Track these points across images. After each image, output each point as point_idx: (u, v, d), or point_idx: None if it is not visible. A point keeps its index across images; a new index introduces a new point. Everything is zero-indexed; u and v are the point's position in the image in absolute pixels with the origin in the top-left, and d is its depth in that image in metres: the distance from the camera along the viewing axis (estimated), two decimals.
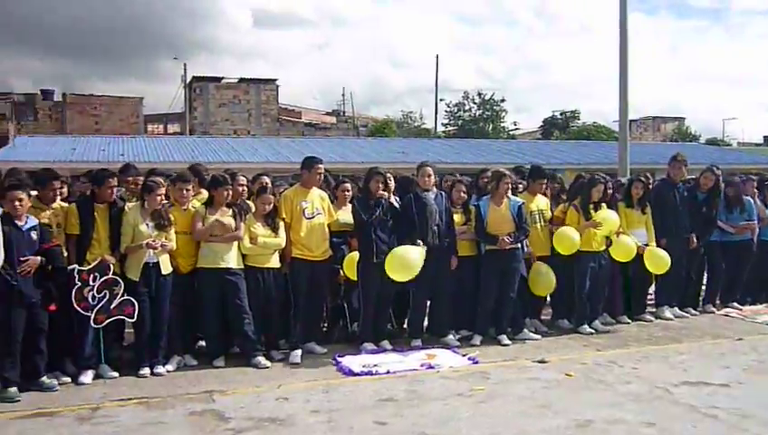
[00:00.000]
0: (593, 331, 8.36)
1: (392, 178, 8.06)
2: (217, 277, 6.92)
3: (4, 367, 5.95)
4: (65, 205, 6.73)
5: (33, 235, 6.10)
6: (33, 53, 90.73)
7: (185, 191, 7.06)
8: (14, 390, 5.94)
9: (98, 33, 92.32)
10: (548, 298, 8.81)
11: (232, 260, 6.99)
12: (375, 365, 6.87)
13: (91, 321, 6.40)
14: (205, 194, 7.35)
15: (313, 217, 7.44)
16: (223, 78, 41.82)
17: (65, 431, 5.24)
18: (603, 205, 8.40)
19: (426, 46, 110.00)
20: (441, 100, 49.65)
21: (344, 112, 47.69)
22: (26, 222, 6.10)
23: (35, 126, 37.02)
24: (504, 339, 7.87)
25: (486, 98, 49.81)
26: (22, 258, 5.90)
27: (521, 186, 8.73)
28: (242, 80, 41.77)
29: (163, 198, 6.82)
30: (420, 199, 7.71)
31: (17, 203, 6.00)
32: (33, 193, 6.45)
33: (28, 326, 6.03)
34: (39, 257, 6.07)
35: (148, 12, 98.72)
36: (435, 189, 7.91)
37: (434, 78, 59.54)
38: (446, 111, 49.85)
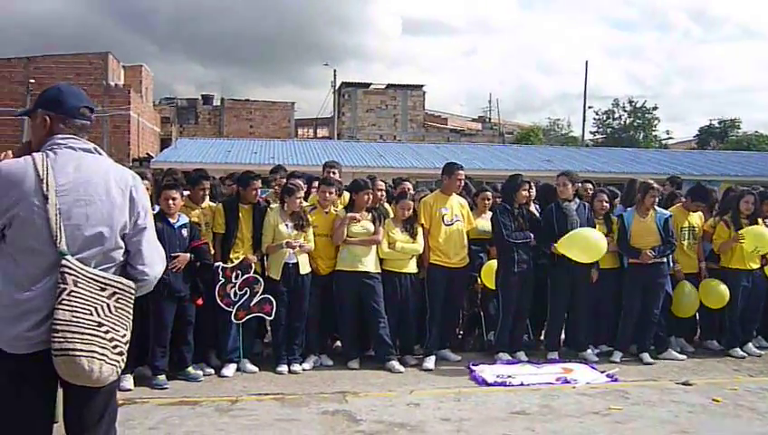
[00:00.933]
0: (745, 354, 7.82)
1: (533, 187, 7.89)
2: (355, 280, 7.02)
3: (155, 356, 6.31)
4: (213, 204, 7.06)
5: (184, 232, 6.43)
6: (197, 60, 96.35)
7: (327, 195, 7.22)
8: (162, 378, 6.28)
9: (256, 42, 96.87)
10: (696, 317, 8.30)
11: (370, 264, 7.07)
12: (509, 376, 6.73)
13: (232, 316, 6.67)
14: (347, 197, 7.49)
15: (452, 224, 7.40)
16: (371, 84, 42.59)
17: (206, 421, 5.47)
18: (759, 220, 7.84)
19: (574, 52, 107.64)
20: (590, 107, 48.44)
21: (490, 119, 47.39)
22: (178, 220, 6.44)
23: (196, 129, 39.24)
24: (647, 357, 7.51)
25: (638, 105, 48.03)
26: (173, 254, 6.22)
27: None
28: (389, 86, 42.39)
29: (302, 200, 7.00)
30: (561, 209, 7.50)
31: (170, 202, 6.35)
32: (186, 193, 6.81)
33: (177, 319, 6.37)
34: (188, 254, 6.39)
35: (303, 21, 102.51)
36: (577, 200, 7.67)
37: (582, 84, 58.04)
38: (594, 119, 48.59)
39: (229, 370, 6.71)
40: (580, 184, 7.89)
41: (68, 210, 2.84)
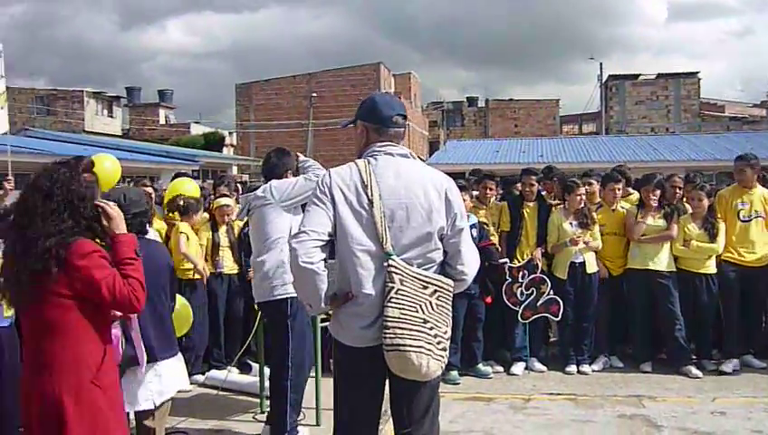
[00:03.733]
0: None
1: None
2: (647, 279, 6.72)
3: (449, 352, 6.51)
4: (499, 203, 7.16)
5: (474, 232, 6.58)
6: (459, 64, 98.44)
7: (615, 191, 7.00)
8: (455, 373, 6.48)
9: (516, 42, 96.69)
10: None
11: (662, 262, 6.73)
12: None
13: (519, 316, 6.70)
14: (635, 195, 7.21)
15: (749, 220, 6.82)
16: (639, 75, 40.66)
17: (501, 417, 5.55)
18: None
19: None
20: None
21: None
22: (468, 219, 6.59)
23: (462, 131, 40.20)
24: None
25: None
26: None
27: None
28: (660, 75, 40.20)
29: (583, 197, 6.84)
30: None
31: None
32: (474, 193, 6.99)
33: (468, 316, 6.54)
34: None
35: (563, 17, 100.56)
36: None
37: None
38: None
39: (518, 368, 6.75)
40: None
41: (391, 213, 3.02)
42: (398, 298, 2.92)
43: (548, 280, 6.72)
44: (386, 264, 2.95)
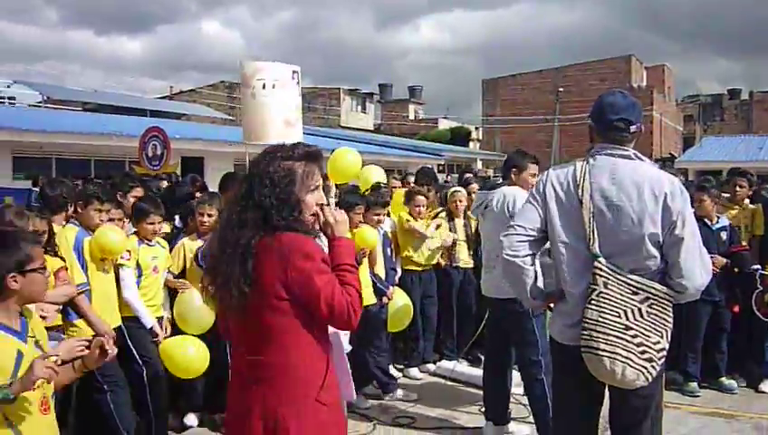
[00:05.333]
0: None
1: None
2: None
3: (687, 362, 6.15)
4: (753, 205, 6.63)
5: (723, 235, 6.14)
6: (721, 54, 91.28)
7: None
8: (694, 385, 6.09)
9: None
10: None
11: None
12: None
13: None
14: None
15: None
16: None
17: None
18: None
19: None
20: None
21: None
22: (718, 222, 6.17)
23: (721, 126, 37.35)
24: None
25: None
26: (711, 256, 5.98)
27: None
28: None
29: None
30: None
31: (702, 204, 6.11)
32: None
33: (711, 324, 6.12)
34: (724, 259, 6.06)
35: None
36: None
37: None
38: None
39: (766, 385, 6.19)
40: None
41: (600, 214, 2.96)
42: (598, 301, 2.88)
43: None
44: (593, 265, 2.92)
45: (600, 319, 2.85)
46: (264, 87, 6.14)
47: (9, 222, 3.95)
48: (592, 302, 2.88)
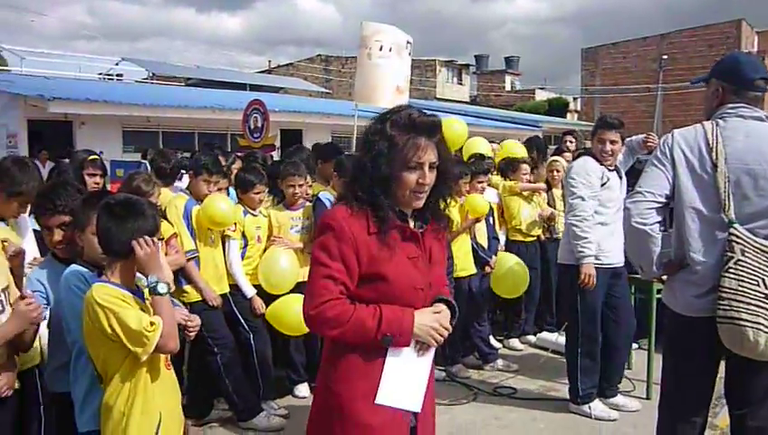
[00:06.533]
0: None
1: None
2: None
3: None
4: None
5: None
6: None
7: None
8: None
9: None
10: None
11: None
12: None
13: None
14: None
15: None
16: None
17: None
18: None
19: None
20: None
21: None
22: None
23: None
24: None
25: None
26: None
27: None
28: None
29: None
30: None
31: None
32: None
33: None
34: None
35: None
36: None
37: None
38: None
39: None
40: None
41: (736, 179, 2.82)
42: (736, 269, 2.74)
43: None
44: (727, 232, 2.79)
45: (740, 288, 2.73)
46: (380, 49, 6.05)
47: (137, 187, 4.18)
48: (730, 270, 2.75)
